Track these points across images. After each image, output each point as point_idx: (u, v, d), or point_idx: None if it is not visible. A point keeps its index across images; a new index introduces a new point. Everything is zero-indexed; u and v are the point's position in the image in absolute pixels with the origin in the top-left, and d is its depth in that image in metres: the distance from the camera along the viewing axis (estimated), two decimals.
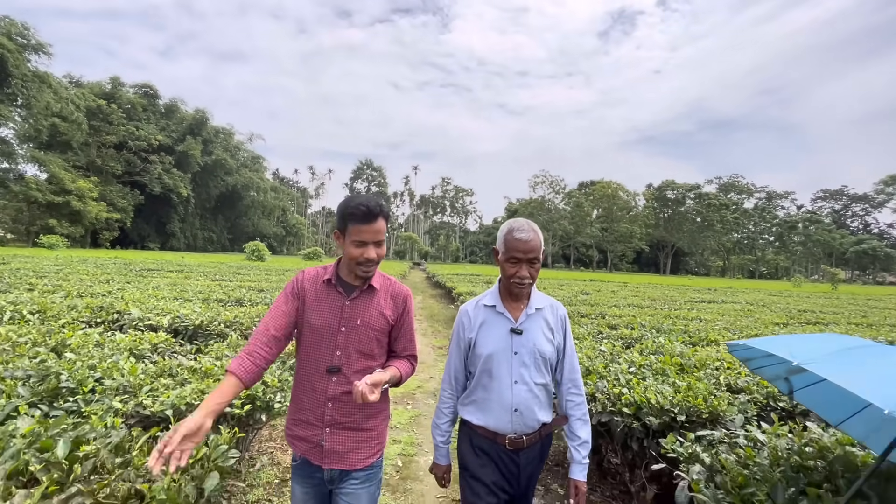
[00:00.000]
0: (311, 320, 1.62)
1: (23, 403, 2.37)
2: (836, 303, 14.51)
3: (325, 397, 1.60)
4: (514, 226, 1.68)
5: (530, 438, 1.70)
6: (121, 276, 10.67)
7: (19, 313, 4.75)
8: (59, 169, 41.56)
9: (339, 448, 1.60)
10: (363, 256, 1.56)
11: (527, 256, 1.62)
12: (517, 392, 1.68)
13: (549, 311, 1.77)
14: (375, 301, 1.67)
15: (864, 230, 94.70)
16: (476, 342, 1.73)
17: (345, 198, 1.61)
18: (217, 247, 72.56)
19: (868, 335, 6.74)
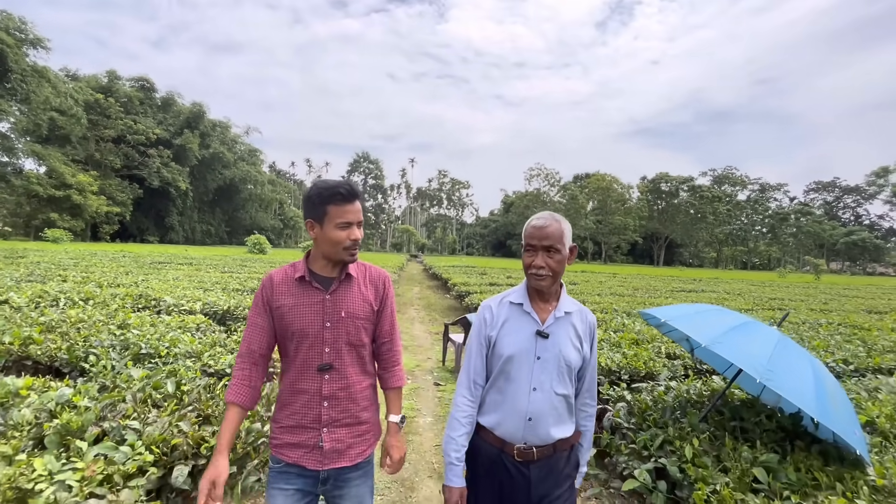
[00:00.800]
0: (292, 324, 1.55)
1: (120, 362, 3.14)
2: (810, 292, 15.39)
3: (321, 397, 1.55)
4: (536, 215, 1.62)
5: (542, 451, 1.56)
6: (137, 269, 11.39)
7: (72, 300, 5.49)
8: (59, 163, 41.93)
9: (339, 446, 1.56)
10: (349, 238, 1.52)
11: (542, 243, 1.52)
12: (534, 399, 1.56)
13: (577, 317, 1.65)
14: (356, 289, 1.62)
15: (856, 221, 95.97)
16: (497, 341, 1.61)
17: (313, 184, 1.55)
18: (215, 239, 73.01)
19: (822, 318, 7.53)
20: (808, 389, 1.85)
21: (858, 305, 10.55)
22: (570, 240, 1.55)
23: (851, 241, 79.24)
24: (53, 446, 1.93)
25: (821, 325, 6.45)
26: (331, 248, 1.52)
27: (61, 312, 4.56)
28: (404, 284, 18.39)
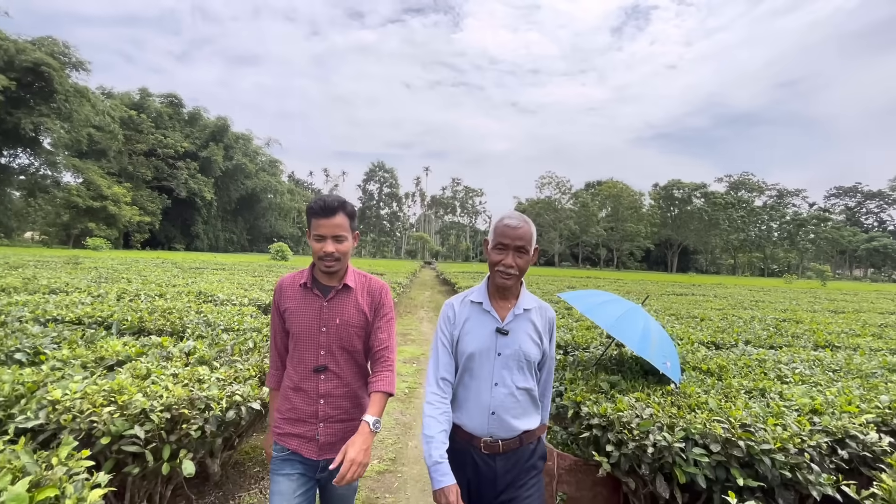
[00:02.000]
0: (293, 326, 1.70)
1: (209, 333, 4.55)
2: (799, 296, 16.23)
3: (317, 395, 1.68)
4: (505, 215, 1.65)
5: (507, 444, 1.62)
6: (182, 273, 13.02)
7: (150, 295, 6.99)
8: (96, 176, 44.82)
9: (332, 440, 1.68)
10: (322, 251, 1.62)
11: (514, 244, 1.56)
12: (496, 394, 1.61)
13: (536, 313, 1.71)
14: (352, 299, 1.73)
15: (879, 227, 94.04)
16: (460, 339, 1.66)
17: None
18: (237, 247, 75.81)
19: (781, 316, 8.55)
20: (634, 337, 3.10)
21: (827, 307, 11.49)
22: (535, 241, 1.63)
23: (872, 247, 77.80)
24: (198, 365, 3.31)
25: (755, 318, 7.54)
26: (314, 258, 1.70)
27: (151, 302, 6.03)
28: (416, 289, 19.75)
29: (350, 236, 1.69)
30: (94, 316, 4.80)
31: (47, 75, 37.91)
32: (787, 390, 3.08)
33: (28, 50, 37.43)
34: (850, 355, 4.50)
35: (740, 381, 3.34)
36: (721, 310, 9.21)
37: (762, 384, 3.21)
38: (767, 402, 2.81)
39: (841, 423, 2.51)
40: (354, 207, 1.75)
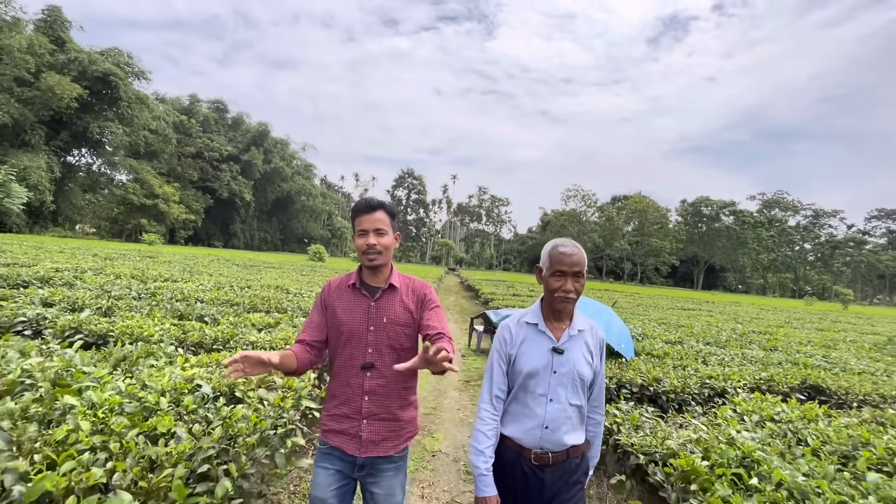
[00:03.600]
0: (342, 325, 1.77)
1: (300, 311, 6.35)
2: (808, 317, 17.13)
3: (362, 391, 1.74)
4: (558, 242, 1.75)
5: (556, 456, 1.71)
6: (245, 270, 15.14)
7: (238, 286, 8.91)
8: (149, 176, 48.64)
9: (375, 437, 1.74)
10: (365, 244, 1.73)
11: (572, 270, 1.67)
12: (550, 410, 1.70)
13: (589, 334, 1.80)
14: (398, 298, 1.81)
15: None
16: (517, 359, 1.75)
17: None
18: (270, 246, 79.50)
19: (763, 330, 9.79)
20: (589, 312, 4.70)
21: (817, 326, 12.57)
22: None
23: None
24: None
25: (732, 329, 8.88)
26: (359, 255, 1.78)
27: (244, 292, 7.92)
28: (441, 294, 21.44)
29: (391, 232, 1.78)
30: (221, 299, 6.68)
31: (114, 84, 41.78)
32: (702, 367, 4.62)
33: (98, 61, 41.39)
34: (775, 354, 5.94)
35: (674, 360, 4.89)
36: (713, 323, 10.51)
37: (687, 363, 4.75)
38: (682, 371, 4.37)
39: (721, 383, 4.06)
40: (396, 208, 1.86)
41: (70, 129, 41.77)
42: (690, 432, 2.77)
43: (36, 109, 36.66)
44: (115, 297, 5.88)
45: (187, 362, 3.18)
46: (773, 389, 4.20)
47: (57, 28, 41.18)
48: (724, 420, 3.03)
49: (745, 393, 3.91)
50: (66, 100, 36.37)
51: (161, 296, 6.44)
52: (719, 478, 2.12)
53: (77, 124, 41.70)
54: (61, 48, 40.45)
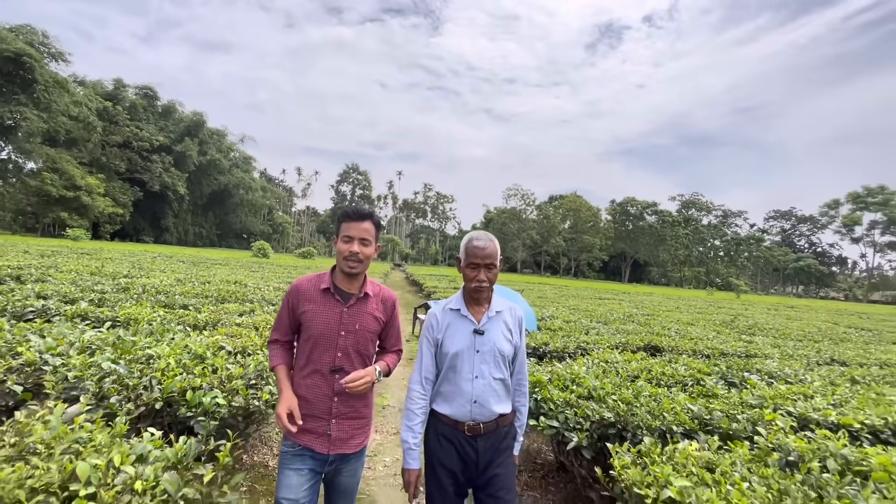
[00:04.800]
0: (312, 328, 1.84)
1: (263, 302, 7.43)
2: (693, 304, 20.22)
3: (332, 393, 1.85)
4: (473, 235, 1.91)
5: (487, 426, 1.89)
6: (193, 266, 15.45)
7: (198, 281, 9.65)
8: (70, 166, 45.16)
9: (343, 435, 1.87)
10: (348, 250, 1.80)
11: (484, 262, 1.85)
12: (477, 385, 1.87)
13: (507, 314, 1.99)
14: (370, 307, 1.92)
15: (810, 249, 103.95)
16: (443, 342, 1.92)
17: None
18: (206, 242, 75.97)
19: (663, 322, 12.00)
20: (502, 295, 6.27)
21: (694, 308, 15.27)
22: (500, 254, 1.93)
23: (799, 266, 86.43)
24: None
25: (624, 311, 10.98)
26: (338, 258, 1.86)
27: (207, 286, 8.74)
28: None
29: (374, 243, 1.86)
30: (192, 292, 7.55)
31: (28, 65, 38.45)
32: (582, 336, 6.33)
33: (9, 39, 37.88)
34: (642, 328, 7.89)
35: (564, 332, 6.59)
36: (614, 309, 12.65)
37: (572, 333, 6.46)
38: (566, 338, 6.04)
39: (591, 345, 5.75)
40: (381, 220, 1.94)
41: None
42: (551, 368, 4.35)
43: None
44: (100, 290, 6.62)
45: (200, 335, 4.28)
46: (627, 348, 5.97)
47: None
48: (576, 363, 4.65)
49: (603, 350, 5.62)
50: None
51: (134, 290, 7.19)
52: (550, 383, 3.67)
53: None
54: None
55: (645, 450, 2.40)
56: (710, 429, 3.00)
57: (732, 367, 4.72)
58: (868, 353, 7.24)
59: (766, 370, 4.75)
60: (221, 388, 2.81)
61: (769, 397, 3.62)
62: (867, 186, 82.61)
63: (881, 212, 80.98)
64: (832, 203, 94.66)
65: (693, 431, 2.91)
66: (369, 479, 3.75)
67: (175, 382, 2.67)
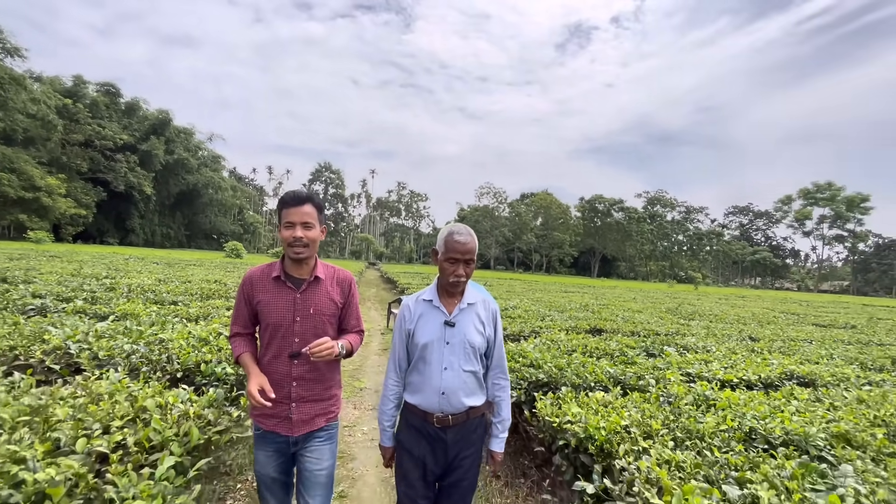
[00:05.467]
0: (268, 317, 1.86)
1: None
2: (652, 295, 21.59)
3: (291, 378, 1.88)
4: (454, 229, 1.88)
5: (456, 418, 1.89)
6: (169, 268, 15.61)
7: (179, 281, 10.03)
8: (28, 166, 43.39)
9: (304, 417, 1.91)
10: (292, 236, 1.79)
11: (464, 257, 1.83)
12: (446, 377, 1.88)
13: (481, 306, 1.98)
14: (323, 289, 1.93)
15: (766, 243, 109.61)
16: (414, 332, 1.92)
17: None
18: (174, 243, 73.99)
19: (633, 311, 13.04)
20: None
21: (652, 300, 16.51)
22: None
23: (756, 259, 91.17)
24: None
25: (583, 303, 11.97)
26: (284, 246, 1.84)
27: (189, 285, 9.16)
28: (363, 287, 23.12)
29: (318, 226, 1.87)
30: (177, 290, 7.99)
31: None
32: (538, 321, 7.15)
33: None
34: (593, 314, 8.82)
35: (522, 318, 7.40)
36: (573, 300, 13.64)
37: (528, 319, 7.27)
38: (522, 324, 6.84)
39: (544, 329, 6.57)
40: (323, 202, 1.95)
41: None
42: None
43: None
44: (90, 290, 7.01)
45: (197, 325, 4.84)
46: (574, 331, 6.82)
47: None
48: (527, 342, 5.44)
49: (552, 332, 6.46)
50: None
51: (121, 290, 7.58)
52: None
53: None
54: None
55: (561, 395, 3.20)
56: (621, 385, 3.83)
57: (656, 343, 5.63)
58: (783, 332, 8.37)
59: (683, 344, 5.68)
60: (228, 361, 3.44)
61: (675, 363, 4.50)
62: (816, 183, 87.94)
63: (828, 206, 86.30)
64: (785, 199, 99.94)
65: (607, 387, 3.72)
66: (350, 443, 4.43)
67: (191, 357, 3.29)
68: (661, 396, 3.31)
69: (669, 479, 1.85)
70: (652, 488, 1.85)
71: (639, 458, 2.16)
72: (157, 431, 1.94)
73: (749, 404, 3.05)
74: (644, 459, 2.07)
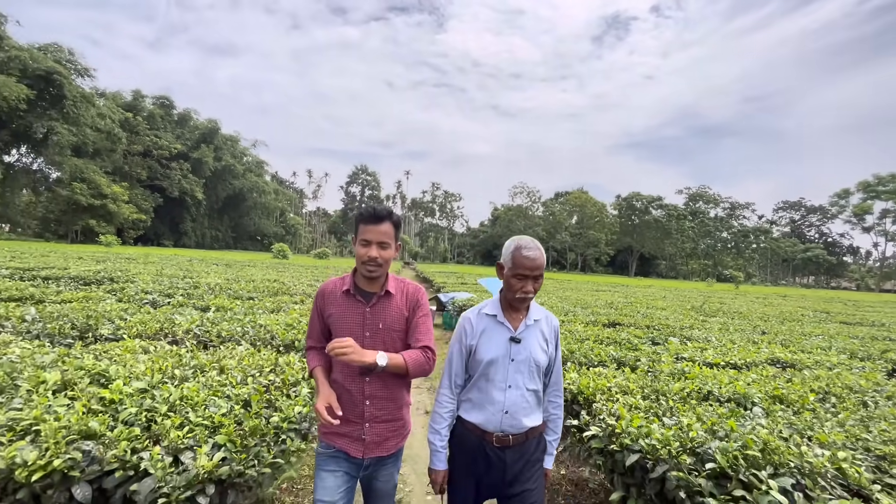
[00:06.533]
0: (338, 331, 1.83)
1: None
2: (692, 295, 21.68)
3: (363, 396, 1.82)
4: (522, 244, 1.81)
5: (516, 438, 1.84)
6: (228, 269, 17.37)
7: (244, 280, 11.48)
8: (97, 175, 47.74)
9: (377, 439, 1.84)
10: (366, 255, 1.74)
11: (533, 273, 1.78)
12: (509, 395, 1.83)
13: (544, 323, 1.94)
14: (394, 304, 1.86)
15: (820, 240, 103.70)
16: (477, 348, 1.86)
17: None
18: (222, 244, 78.65)
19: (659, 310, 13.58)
20: (492, 286, 7.96)
21: (683, 298, 16.81)
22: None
23: (807, 257, 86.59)
24: None
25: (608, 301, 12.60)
26: (357, 262, 1.82)
27: (262, 284, 10.55)
28: None
29: (394, 245, 1.82)
30: (248, 289, 9.35)
31: (58, 82, 40.91)
32: (560, 315, 7.99)
33: (41, 59, 40.38)
34: (614, 309, 9.55)
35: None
36: (602, 298, 14.24)
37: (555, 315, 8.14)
38: None
39: (569, 321, 7.42)
40: (401, 218, 1.92)
41: (10, 128, 40.53)
42: None
43: None
44: (182, 288, 8.46)
45: (276, 315, 6.04)
46: (594, 324, 7.61)
47: None
48: None
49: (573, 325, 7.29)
50: (14, 101, 35.62)
51: (202, 288, 9.00)
52: None
53: (18, 124, 40.52)
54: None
55: (566, 368, 4.11)
56: (621, 364, 4.68)
57: (663, 334, 6.38)
58: (800, 328, 8.82)
59: (687, 335, 6.40)
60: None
61: (673, 349, 5.28)
62: (878, 175, 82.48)
63: (892, 200, 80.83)
64: (842, 192, 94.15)
65: (606, 364, 4.59)
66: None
67: (287, 335, 4.43)
68: (648, 371, 4.16)
69: (627, 414, 2.76)
70: (612, 417, 2.77)
71: (611, 403, 3.07)
72: (292, 375, 3.03)
73: (717, 377, 3.86)
74: (614, 403, 2.98)
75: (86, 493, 1.75)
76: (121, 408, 2.21)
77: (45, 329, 4.20)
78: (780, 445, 2.24)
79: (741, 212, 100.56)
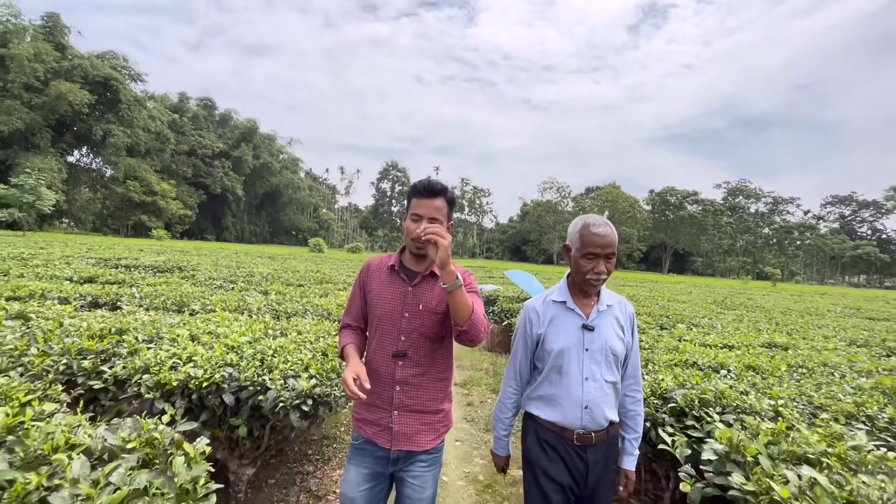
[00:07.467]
0: (376, 308, 1.75)
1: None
2: (722, 292, 21.61)
3: (393, 380, 1.69)
4: (590, 221, 1.68)
5: (599, 436, 1.70)
6: (272, 261, 18.76)
7: (290, 270, 12.61)
8: (148, 174, 51.09)
9: (406, 430, 1.69)
10: (415, 232, 1.61)
11: (605, 252, 1.63)
12: (588, 389, 1.68)
13: (618, 308, 1.79)
14: (437, 285, 1.73)
15: (873, 236, 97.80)
16: (546, 338, 1.74)
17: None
18: (260, 239, 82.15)
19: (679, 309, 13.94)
20: (523, 282, 8.64)
21: (707, 293, 16.95)
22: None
23: (857, 254, 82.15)
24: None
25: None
26: (406, 238, 1.73)
27: (306, 274, 11.64)
28: None
29: (446, 222, 1.70)
30: (296, 278, 10.42)
31: (115, 87, 44.05)
32: None
33: (99, 66, 43.59)
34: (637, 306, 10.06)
35: None
36: (630, 293, 14.64)
37: None
38: None
39: None
40: (456, 196, 1.76)
41: (73, 131, 44.02)
42: None
43: (44, 114, 38.98)
44: (242, 276, 9.60)
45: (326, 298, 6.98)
46: None
47: (57, 34, 43.18)
48: None
49: None
50: (78, 106, 38.77)
51: (258, 277, 10.12)
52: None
53: (80, 126, 43.94)
54: (63, 54, 42.49)
55: None
56: None
57: (672, 320, 6.95)
58: (816, 321, 9.12)
59: (693, 321, 6.95)
60: None
61: (678, 333, 5.88)
62: None
63: None
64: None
65: None
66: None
67: (340, 312, 5.34)
68: (647, 348, 4.82)
69: None
70: None
71: None
72: None
73: (706, 353, 4.48)
74: None
75: (230, 399, 2.66)
76: (240, 351, 3.12)
77: (153, 304, 5.26)
78: (731, 393, 2.92)
79: (784, 207, 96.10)
